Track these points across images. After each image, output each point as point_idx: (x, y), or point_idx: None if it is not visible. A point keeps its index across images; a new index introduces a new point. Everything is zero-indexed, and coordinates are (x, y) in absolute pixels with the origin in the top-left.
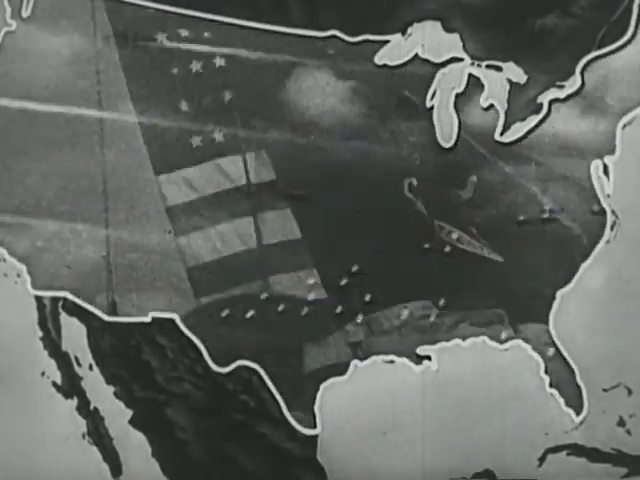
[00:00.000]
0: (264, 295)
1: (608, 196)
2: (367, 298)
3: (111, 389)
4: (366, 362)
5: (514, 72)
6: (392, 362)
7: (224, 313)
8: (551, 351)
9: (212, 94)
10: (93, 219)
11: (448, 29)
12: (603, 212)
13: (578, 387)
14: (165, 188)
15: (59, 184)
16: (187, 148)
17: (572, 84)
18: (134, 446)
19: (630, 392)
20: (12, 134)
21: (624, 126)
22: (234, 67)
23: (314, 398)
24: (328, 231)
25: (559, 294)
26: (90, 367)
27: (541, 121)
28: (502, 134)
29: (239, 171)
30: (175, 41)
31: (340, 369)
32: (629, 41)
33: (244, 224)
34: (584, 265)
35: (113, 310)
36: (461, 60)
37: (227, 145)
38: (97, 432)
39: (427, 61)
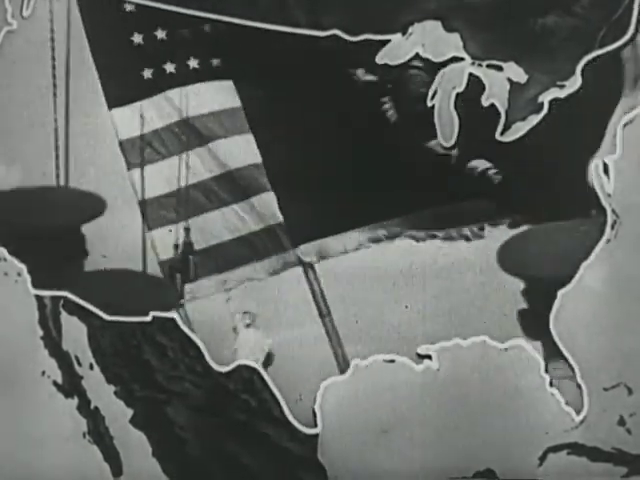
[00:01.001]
0: None
1: (609, 195)
2: None
3: (111, 388)
4: (367, 361)
5: (514, 72)
6: (392, 361)
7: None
8: None
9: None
10: None
11: (449, 29)
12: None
13: (579, 386)
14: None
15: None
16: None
17: (572, 84)
18: (134, 445)
19: (630, 391)
20: None
21: (624, 125)
22: None
23: None
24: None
25: (560, 293)
26: (90, 366)
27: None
28: (502, 133)
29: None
30: None
31: None
32: (630, 40)
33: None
34: (585, 264)
35: None
36: (462, 60)
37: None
38: (97, 431)
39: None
